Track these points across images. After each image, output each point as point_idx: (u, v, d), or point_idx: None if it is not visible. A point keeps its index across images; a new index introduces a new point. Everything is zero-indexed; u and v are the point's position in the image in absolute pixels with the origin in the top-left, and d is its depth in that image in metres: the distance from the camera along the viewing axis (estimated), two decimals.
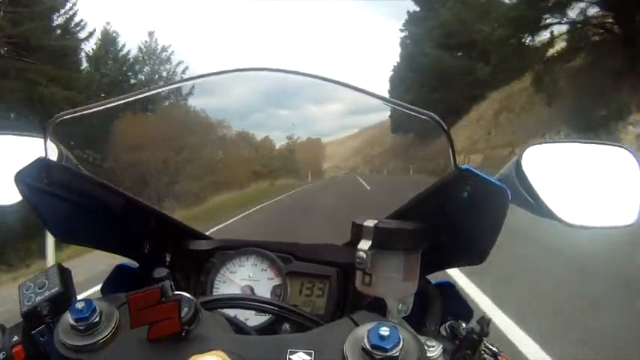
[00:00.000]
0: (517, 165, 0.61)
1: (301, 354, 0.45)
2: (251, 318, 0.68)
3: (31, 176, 0.61)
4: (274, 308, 0.64)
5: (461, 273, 4.03)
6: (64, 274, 0.58)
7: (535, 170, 0.60)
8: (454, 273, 3.62)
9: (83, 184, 0.68)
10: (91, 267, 5.41)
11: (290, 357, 0.45)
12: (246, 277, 0.77)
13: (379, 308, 0.55)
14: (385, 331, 0.44)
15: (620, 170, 0.64)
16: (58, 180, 0.64)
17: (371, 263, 0.53)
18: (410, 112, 0.56)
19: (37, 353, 0.55)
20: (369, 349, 0.43)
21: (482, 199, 0.53)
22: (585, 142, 0.68)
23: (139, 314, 0.46)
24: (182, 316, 0.47)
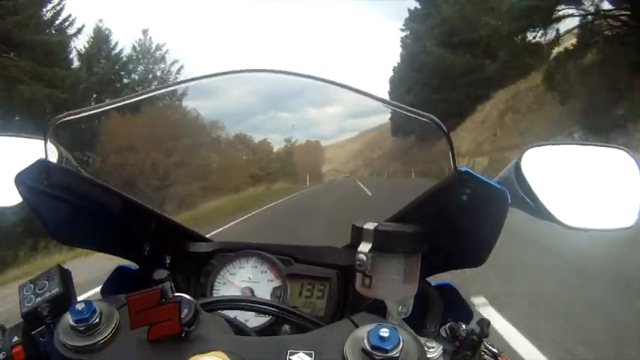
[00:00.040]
0: (516, 167, 0.61)
1: (301, 355, 0.45)
2: (251, 319, 0.68)
3: (31, 178, 0.61)
4: (274, 310, 0.64)
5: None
6: (65, 275, 0.59)
7: (534, 172, 0.60)
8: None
9: (83, 186, 0.69)
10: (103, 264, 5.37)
11: (290, 358, 0.45)
12: (246, 279, 0.77)
13: (379, 310, 0.55)
14: (385, 333, 0.44)
15: (619, 172, 0.64)
16: (58, 182, 0.64)
17: (371, 265, 0.53)
18: (410, 115, 0.56)
19: (37, 354, 0.55)
20: (369, 350, 0.43)
21: (482, 202, 0.53)
22: (584, 144, 0.68)
23: (139, 315, 0.46)
24: (182, 318, 0.47)
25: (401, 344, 0.44)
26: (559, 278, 4.17)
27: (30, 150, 0.66)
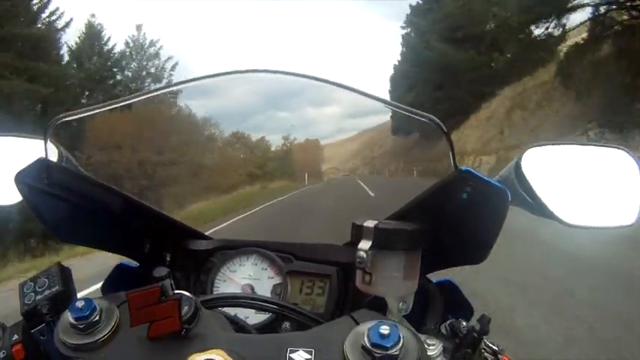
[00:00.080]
0: (517, 166, 0.61)
1: (301, 352, 0.45)
2: (251, 316, 0.68)
3: (31, 177, 0.61)
4: (274, 307, 0.64)
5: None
6: (65, 273, 0.59)
7: (535, 172, 0.61)
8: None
9: (83, 185, 0.69)
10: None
11: (290, 355, 0.45)
12: (246, 276, 0.77)
13: (379, 307, 0.55)
14: (385, 330, 0.44)
15: (619, 171, 0.64)
16: (58, 181, 0.64)
17: (371, 262, 0.53)
18: (410, 115, 0.56)
19: (37, 352, 0.55)
20: (370, 348, 0.43)
21: (482, 200, 0.53)
22: (584, 145, 0.68)
23: (139, 313, 0.46)
24: (182, 315, 0.47)
25: (401, 341, 0.44)
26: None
27: (30, 150, 0.66)
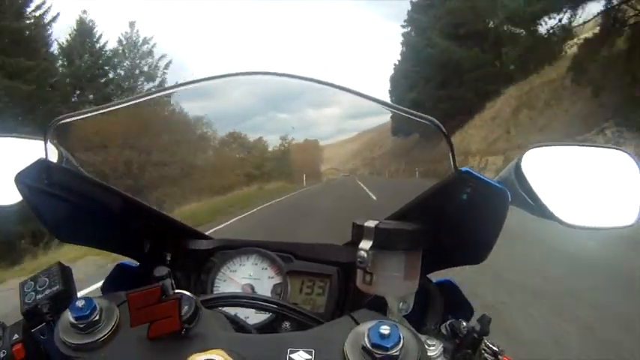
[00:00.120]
0: (517, 167, 0.61)
1: (301, 353, 0.45)
2: (251, 316, 0.68)
3: (31, 177, 0.61)
4: (274, 306, 0.64)
5: None
6: (65, 273, 0.59)
7: (535, 172, 0.61)
8: None
9: (83, 185, 0.69)
10: None
11: (290, 356, 0.45)
12: (246, 276, 0.77)
13: (380, 307, 0.55)
14: (386, 330, 0.44)
15: (619, 172, 0.64)
16: (58, 181, 0.64)
17: (372, 262, 0.53)
18: (409, 117, 0.56)
19: (38, 351, 0.55)
20: (370, 348, 0.43)
21: (482, 201, 0.54)
22: (585, 145, 0.68)
23: (139, 312, 0.46)
24: (182, 315, 0.47)
25: (401, 342, 0.44)
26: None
27: (30, 150, 0.66)
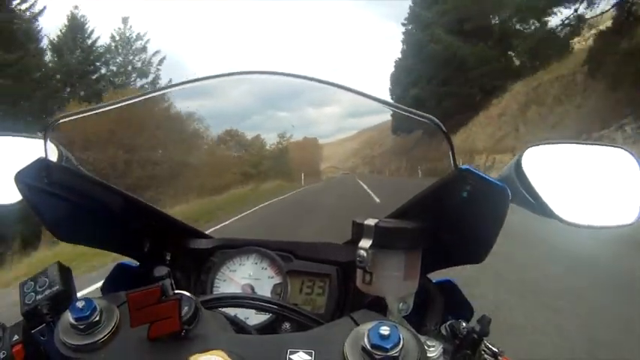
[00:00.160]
0: (517, 165, 0.61)
1: (301, 354, 0.45)
2: (251, 317, 0.68)
3: (31, 176, 0.61)
4: (275, 307, 0.63)
5: None
6: (65, 273, 0.58)
7: (535, 170, 0.60)
8: None
9: (83, 184, 0.69)
10: None
11: (290, 357, 0.45)
12: (246, 276, 0.77)
13: (380, 307, 0.55)
14: (385, 331, 0.44)
15: (620, 171, 0.64)
16: (58, 180, 0.64)
17: (372, 262, 0.53)
18: (409, 115, 0.56)
19: (38, 352, 0.55)
20: (369, 349, 0.43)
21: (482, 199, 0.53)
22: (585, 144, 0.68)
23: (139, 313, 0.46)
24: (182, 315, 0.47)
25: (401, 343, 0.44)
26: None
27: (30, 149, 0.66)
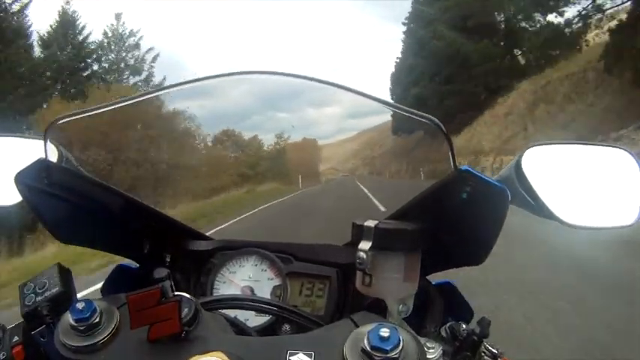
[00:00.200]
0: (517, 166, 0.61)
1: (301, 355, 0.45)
2: (251, 318, 0.68)
3: (31, 177, 0.61)
4: (274, 309, 0.64)
5: None
6: (65, 274, 0.58)
7: (535, 171, 0.60)
8: None
9: (83, 185, 0.69)
10: None
11: (290, 358, 0.45)
12: (246, 278, 0.77)
13: (379, 309, 0.55)
14: (385, 333, 0.44)
15: (620, 171, 0.64)
16: (58, 181, 0.64)
17: (371, 264, 0.53)
18: (409, 115, 0.56)
19: (38, 354, 0.55)
20: (369, 351, 0.43)
21: (482, 200, 0.53)
22: (585, 144, 0.68)
23: (139, 315, 0.46)
24: (182, 317, 0.47)
25: (401, 345, 0.44)
26: None
27: (30, 150, 0.66)
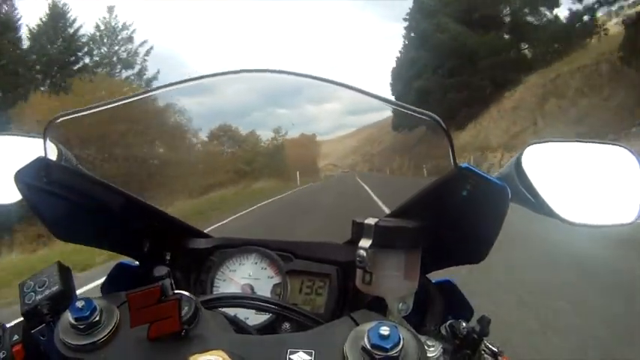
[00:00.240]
0: (517, 164, 0.61)
1: (301, 354, 0.45)
2: (251, 317, 0.68)
3: (31, 176, 0.61)
4: (274, 307, 0.64)
5: None
6: (64, 273, 0.58)
7: (535, 169, 0.60)
8: None
9: (83, 184, 0.68)
10: None
11: (290, 357, 0.45)
12: (246, 276, 0.77)
13: (379, 307, 0.55)
14: (385, 331, 0.44)
15: (620, 169, 0.64)
16: (58, 179, 0.64)
17: (371, 261, 0.53)
18: (408, 112, 0.55)
19: (38, 352, 0.55)
20: (369, 349, 0.43)
21: (482, 198, 0.53)
22: (586, 142, 0.68)
23: (139, 313, 0.46)
24: (182, 315, 0.47)
25: (401, 343, 0.44)
26: None
27: (30, 148, 0.66)
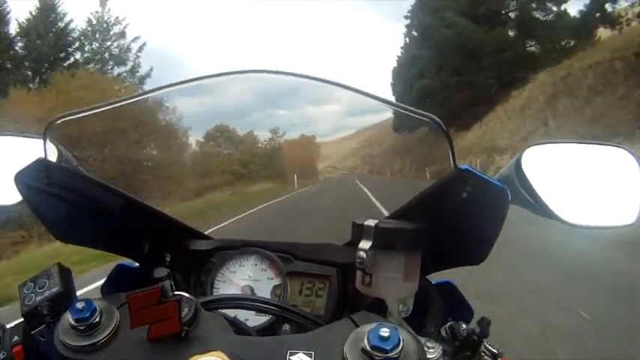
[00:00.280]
0: (517, 165, 0.61)
1: (301, 355, 0.45)
2: (251, 318, 0.68)
3: (31, 177, 0.61)
4: (274, 309, 0.64)
5: None
6: (65, 274, 0.58)
7: (535, 170, 0.60)
8: None
9: (83, 185, 0.69)
10: None
11: (290, 358, 0.45)
12: (246, 277, 0.77)
13: (379, 309, 0.55)
14: (385, 332, 0.44)
15: (620, 170, 0.64)
16: (58, 180, 0.64)
17: (371, 263, 0.53)
18: (409, 114, 0.55)
19: (38, 353, 0.55)
20: (369, 351, 0.43)
21: (482, 199, 0.53)
22: (585, 143, 0.68)
23: (139, 314, 0.46)
24: (182, 317, 0.47)
25: (401, 344, 0.44)
26: None
27: (29, 149, 0.66)
